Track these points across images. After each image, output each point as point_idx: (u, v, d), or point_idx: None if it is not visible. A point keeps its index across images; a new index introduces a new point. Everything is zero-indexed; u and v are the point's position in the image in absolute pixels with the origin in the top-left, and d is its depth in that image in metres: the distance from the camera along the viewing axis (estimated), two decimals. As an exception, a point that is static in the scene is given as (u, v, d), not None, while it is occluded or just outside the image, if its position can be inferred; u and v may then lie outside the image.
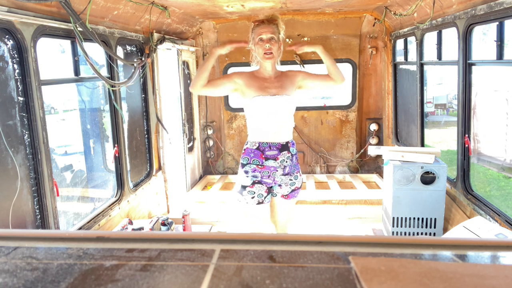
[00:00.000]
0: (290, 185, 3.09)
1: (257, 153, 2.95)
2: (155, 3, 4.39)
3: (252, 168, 2.96)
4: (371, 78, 6.52)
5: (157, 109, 5.18)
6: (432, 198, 3.95)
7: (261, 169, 2.96)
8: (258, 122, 2.97)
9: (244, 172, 2.98)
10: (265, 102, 2.94)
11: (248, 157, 2.98)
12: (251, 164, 2.97)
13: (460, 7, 3.63)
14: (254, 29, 3.00)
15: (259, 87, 2.98)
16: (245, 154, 3.00)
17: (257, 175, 2.96)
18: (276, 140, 2.97)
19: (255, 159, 2.96)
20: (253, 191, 2.97)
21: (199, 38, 6.52)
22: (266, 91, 2.97)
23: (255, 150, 2.96)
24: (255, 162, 2.96)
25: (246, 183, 2.97)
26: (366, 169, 6.76)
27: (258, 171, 2.96)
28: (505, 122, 8.91)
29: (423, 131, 5.09)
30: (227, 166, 6.88)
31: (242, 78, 2.98)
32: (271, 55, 2.94)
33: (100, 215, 3.88)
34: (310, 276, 0.70)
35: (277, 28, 2.99)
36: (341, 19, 6.26)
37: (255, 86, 2.97)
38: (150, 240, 0.85)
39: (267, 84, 3.01)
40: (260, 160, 2.96)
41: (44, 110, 2.99)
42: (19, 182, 2.78)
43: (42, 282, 0.69)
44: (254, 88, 2.96)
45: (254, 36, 2.99)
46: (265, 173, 2.97)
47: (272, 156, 2.97)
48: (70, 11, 3.16)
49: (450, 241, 0.85)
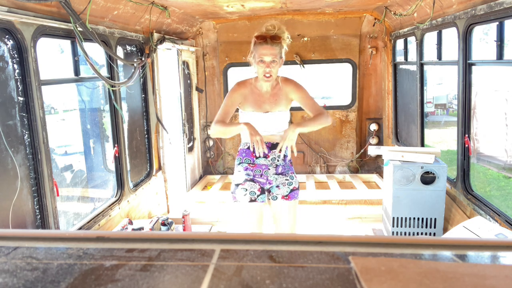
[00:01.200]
0: (287, 185, 3.07)
1: (248, 152, 3.03)
2: (155, 3, 4.39)
3: (244, 166, 3.05)
4: (371, 78, 6.52)
5: (157, 109, 5.18)
6: (432, 198, 3.95)
7: (252, 167, 3.03)
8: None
9: (237, 171, 3.08)
10: (257, 118, 2.99)
11: (240, 157, 3.08)
12: (243, 163, 3.06)
13: (460, 7, 3.63)
14: (256, 46, 2.91)
15: (255, 102, 3.02)
16: (238, 155, 3.11)
17: (250, 173, 3.03)
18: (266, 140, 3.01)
19: (246, 158, 3.05)
20: (245, 188, 3.00)
21: (199, 38, 6.53)
22: (261, 107, 3.02)
23: (246, 150, 3.05)
24: (247, 161, 3.04)
25: (239, 181, 3.04)
26: (366, 169, 6.77)
27: (250, 169, 3.03)
28: (505, 122, 8.91)
29: (423, 131, 5.09)
30: (227, 166, 6.88)
31: (242, 94, 3.02)
32: (271, 77, 2.94)
33: (100, 215, 3.88)
34: (310, 276, 0.70)
35: (280, 47, 2.92)
36: (341, 19, 6.26)
37: (251, 101, 3.02)
38: (150, 240, 0.85)
39: (263, 99, 3.03)
40: (251, 159, 3.03)
41: (44, 110, 2.99)
42: (19, 182, 2.78)
43: (42, 282, 0.69)
44: (250, 104, 3.02)
45: (255, 54, 2.92)
46: (257, 171, 3.03)
47: (263, 154, 2.96)
48: (70, 11, 3.16)
49: (450, 241, 0.85)
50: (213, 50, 6.58)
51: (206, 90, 6.73)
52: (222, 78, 6.58)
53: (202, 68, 6.65)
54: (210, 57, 6.62)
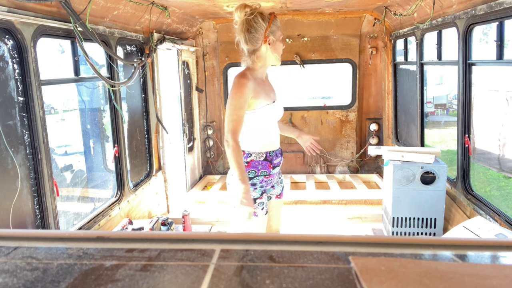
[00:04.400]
0: (280, 183, 2.99)
1: (265, 164, 2.73)
2: (155, 3, 4.39)
3: (260, 179, 2.74)
4: (371, 78, 6.52)
5: (157, 109, 5.18)
6: (432, 198, 3.95)
7: (267, 178, 2.78)
8: (267, 131, 2.73)
9: (252, 185, 2.70)
10: (273, 113, 2.72)
11: (255, 170, 2.71)
12: (259, 176, 2.73)
13: (460, 7, 3.63)
14: (277, 22, 2.62)
15: (265, 93, 2.68)
16: (250, 167, 2.70)
17: (263, 185, 2.78)
18: (278, 146, 2.83)
19: (263, 171, 2.73)
20: (262, 202, 2.76)
21: (199, 38, 6.53)
22: (270, 98, 2.72)
23: (262, 161, 2.72)
24: (263, 174, 2.74)
25: (256, 195, 2.73)
26: (366, 169, 6.77)
27: (265, 181, 2.77)
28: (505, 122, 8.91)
29: (423, 131, 5.09)
30: (227, 166, 6.88)
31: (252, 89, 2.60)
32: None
33: (100, 215, 3.88)
34: (310, 276, 0.70)
35: None
36: (341, 19, 6.26)
37: (262, 93, 2.65)
38: (150, 240, 0.85)
39: (267, 88, 2.75)
40: (268, 170, 2.75)
41: (44, 110, 2.99)
42: (19, 182, 2.78)
43: (42, 282, 0.69)
44: (262, 96, 2.65)
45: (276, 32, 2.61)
46: (269, 181, 2.82)
47: (278, 163, 2.81)
48: (70, 11, 3.16)
49: (450, 241, 0.85)
50: (213, 50, 6.58)
51: (206, 90, 6.73)
52: (222, 78, 6.58)
53: (202, 68, 6.65)
54: (210, 57, 6.62)
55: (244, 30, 2.60)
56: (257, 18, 2.57)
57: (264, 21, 2.58)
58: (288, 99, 7.03)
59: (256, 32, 2.58)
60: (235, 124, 2.54)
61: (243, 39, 2.63)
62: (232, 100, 2.55)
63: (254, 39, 2.60)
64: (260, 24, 2.57)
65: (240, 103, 2.55)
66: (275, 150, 2.77)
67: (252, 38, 2.60)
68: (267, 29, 2.58)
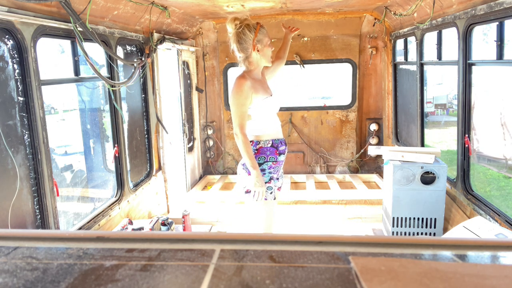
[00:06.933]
0: (281, 177, 3.27)
1: (272, 150, 3.06)
2: (155, 3, 4.39)
3: (268, 165, 3.07)
4: (371, 78, 6.52)
5: (157, 109, 5.18)
6: (432, 198, 3.95)
7: (275, 165, 3.09)
8: (270, 121, 3.11)
9: (261, 171, 3.03)
10: (272, 103, 3.09)
11: (264, 155, 3.05)
12: (267, 162, 3.06)
13: (460, 7, 3.63)
14: (263, 31, 3.01)
15: (262, 88, 3.09)
16: (260, 154, 3.04)
17: (272, 171, 3.08)
18: (282, 136, 3.20)
19: (271, 156, 3.06)
20: (271, 187, 3.08)
21: (199, 38, 6.53)
22: (268, 92, 3.12)
23: (270, 148, 3.06)
24: (272, 159, 3.07)
25: (265, 179, 3.07)
26: (366, 169, 6.76)
27: (273, 167, 3.08)
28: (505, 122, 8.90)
29: (423, 131, 5.09)
30: (227, 166, 6.88)
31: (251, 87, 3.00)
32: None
33: (100, 215, 3.88)
34: (310, 276, 0.70)
35: None
36: (341, 19, 6.26)
37: (260, 89, 3.05)
38: (150, 240, 0.85)
39: (264, 85, 3.15)
40: (275, 157, 3.08)
41: (44, 110, 2.99)
42: (19, 182, 2.78)
43: (42, 282, 0.69)
44: (260, 91, 3.04)
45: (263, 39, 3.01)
46: (277, 168, 3.11)
47: (283, 151, 3.14)
48: (70, 11, 3.16)
49: (450, 241, 0.85)
50: (213, 50, 6.58)
51: (206, 90, 6.73)
52: (222, 78, 6.58)
53: (202, 68, 6.65)
54: (210, 57, 6.62)
55: (235, 42, 3.00)
56: (245, 30, 2.95)
57: (251, 32, 2.95)
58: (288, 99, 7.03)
59: (245, 42, 2.98)
60: (240, 119, 2.93)
61: (236, 49, 3.04)
62: (235, 99, 2.94)
63: (245, 48, 3.00)
64: (248, 35, 2.95)
65: (242, 100, 2.94)
66: (279, 139, 3.13)
67: (243, 48, 3.00)
68: (254, 39, 2.96)
